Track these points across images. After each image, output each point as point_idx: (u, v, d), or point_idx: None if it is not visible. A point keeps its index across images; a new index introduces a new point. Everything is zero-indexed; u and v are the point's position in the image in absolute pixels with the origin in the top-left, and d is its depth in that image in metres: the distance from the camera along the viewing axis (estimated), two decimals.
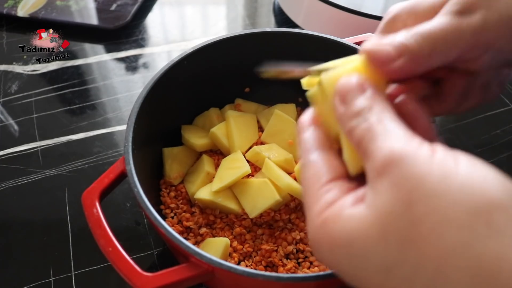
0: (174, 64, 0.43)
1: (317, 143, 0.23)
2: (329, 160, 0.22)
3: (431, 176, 0.17)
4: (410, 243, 0.17)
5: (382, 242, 0.17)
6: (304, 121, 0.25)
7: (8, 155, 0.52)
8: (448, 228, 0.16)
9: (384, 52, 0.22)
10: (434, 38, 0.23)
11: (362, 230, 0.18)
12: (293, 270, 0.40)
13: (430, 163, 0.17)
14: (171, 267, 0.30)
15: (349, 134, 0.21)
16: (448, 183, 0.16)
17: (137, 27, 0.71)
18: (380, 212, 0.18)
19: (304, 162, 0.23)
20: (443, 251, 0.16)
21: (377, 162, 0.18)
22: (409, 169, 0.17)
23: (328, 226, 0.19)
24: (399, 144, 0.18)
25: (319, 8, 0.61)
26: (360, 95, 0.21)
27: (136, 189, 0.34)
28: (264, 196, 0.41)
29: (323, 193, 0.21)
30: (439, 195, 0.16)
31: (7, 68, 0.64)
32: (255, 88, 0.53)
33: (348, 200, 0.20)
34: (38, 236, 0.45)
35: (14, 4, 0.72)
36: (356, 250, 0.18)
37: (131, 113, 0.39)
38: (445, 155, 0.17)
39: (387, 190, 0.18)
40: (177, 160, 0.46)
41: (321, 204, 0.20)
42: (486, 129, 0.55)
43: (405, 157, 0.18)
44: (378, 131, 0.19)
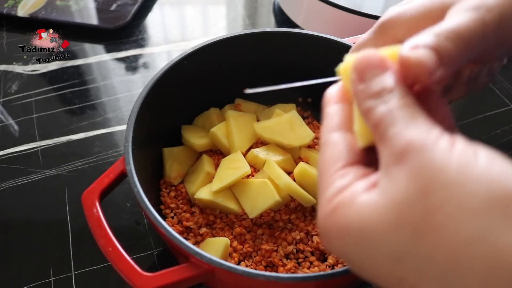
0: (174, 64, 0.43)
1: (341, 122, 0.22)
2: (349, 143, 0.21)
3: (449, 166, 0.16)
4: (424, 232, 0.16)
5: (395, 231, 0.17)
6: (332, 94, 0.23)
7: (8, 155, 0.52)
8: (465, 218, 0.15)
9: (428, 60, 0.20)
10: (464, 38, 0.21)
11: (374, 217, 0.18)
12: (293, 270, 0.40)
13: (450, 154, 0.17)
14: (171, 267, 0.30)
15: (366, 114, 0.20)
16: (467, 174, 0.16)
17: (137, 27, 0.71)
18: (395, 199, 0.17)
19: (325, 140, 0.22)
20: (458, 241, 0.15)
21: (395, 149, 0.18)
22: (428, 159, 0.17)
23: (339, 212, 0.19)
24: (419, 133, 0.18)
25: (319, 8, 0.61)
26: (381, 74, 0.20)
27: (136, 189, 0.34)
28: (264, 196, 0.41)
29: (337, 177, 0.20)
30: (457, 186, 0.16)
31: (7, 68, 0.64)
32: (255, 88, 0.52)
33: (360, 185, 0.19)
34: (38, 236, 0.45)
35: (14, 4, 0.72)
36: (367, 238, 0.18)
37: (131, 113, 0.39)
38: (464, 147, 0.17)
39: (403, 178, 0.17)
40: (177, 160, 0.46)
41: (333, 189, 0.20)
42: (486, 129, 0.55)
43: (424, 147, 0.17)
44: (399, 117, 0.18)
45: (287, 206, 0.43)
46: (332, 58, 0.26)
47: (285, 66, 0.49)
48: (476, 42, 0.22)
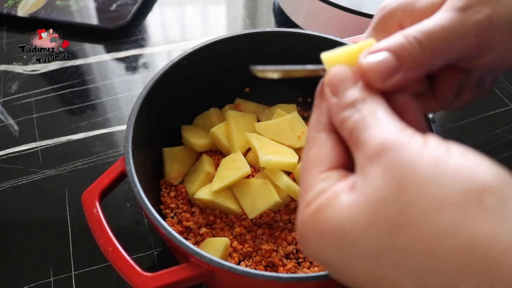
0: (174, 64, 0.43)
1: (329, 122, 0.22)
2: (335, 146, 0.21)
3: (422, 162, 0.17)
4: (400, 228, 0.16)
5: (371, 228, 0.17)
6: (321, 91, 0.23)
7: (8, 155, 0.52)
8: (439, 211, 0.16)
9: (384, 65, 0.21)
10: (436, 38, 0.21)
11: (351, 216, 0.18)
12: (293, 270, 0.40)
13: (422, 151, 0.17)
14: (171, 267, 0.30)
15: (341, 125, 0.20)
16: (440, 169, 0.16)
17: (137, 27, 0.71)
18: (370, 197, 0.17)
19: (312, 137, 0.22)
20: (434, 234, 0.16)
21: (370, 150, 0.18)
22: (401, 156, 0.17)
23: (319, 215, 0.19)
24: (392, 133, 0.18)
25: (319, 8, 0.61)
26: (352, 87, 0.21)
27: (136, 189, 0.34)
28: (263, 197, 0.41)
29: (319, 180, 0.20)
30: (430, 180, 0.16)
31: (7, 68, 0.64)
32: (255, 88, 0.53)
33: (339, 187, 0.19)
34: (38, 236, 0.45)
35: (14, 4, 0.72)
36: (345, 239, 0.18)
37: (131, 113, 0.39)
38: (437, 144, 0.17)
39: (378, 176, 0.17)
40: (177, 160, 0.46)
41: (314, 192, 0.20)
42: (486, 129, 0.55)
43: (397, 145, 0.17)
44: (372, 121, 0.19)
45: (287, 207, 0.43)
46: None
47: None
48: (452, 44, 0.21)
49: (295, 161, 0.42)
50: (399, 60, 0.21)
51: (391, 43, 0.21)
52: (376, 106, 0.20)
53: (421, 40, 0.21)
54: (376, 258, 0.17)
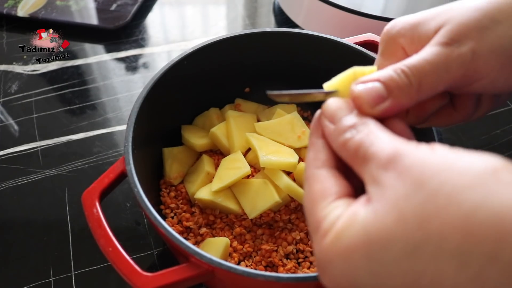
0: (174, 64, 0.43)
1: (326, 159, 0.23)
2: (338, 179, 0.22)
3: (435, 160, 0.18)
4: (430, 217, 0.17)
5: (401, 225, 0.17)
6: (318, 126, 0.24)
7: (8, 155, 0.52)
8: (463, 193, 0.16)
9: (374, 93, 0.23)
10: (422, 73, 0.23)
11: (377, 222, 0.18)
12: (293, 270, 0.40)
13: (431, 153, 0.18)
14: (171, 267, 0.30)
15: (343, 147, 0.21)
16: (452, 162, 0.18)
17: (137, 27, 0.71)
18: (392, 199, 0.18)
19: (311, 174, 0.23)
20: (464, 213, 0.16)
21: (382, 159, 0.19)
22: (414, 158, 0.18)
23: (341, 237, 0.19)
24: (399, 143, 0.19)
25: (319, 8, 0.61)
26: (349, 114, 0.22)
27: (136, 189, 0.34)
28: (263, 197, 0.41)
29: (331, 210, 0.20)
30: (446, 171, 0.17)
31: (7, 68, 0.64)
32: (255, 88, 0.53)
33: (353, 208, 0.19)
34: (38, 236, 0.45)
35: (14, 4, 0.72)
36: (376, 247, 0.18)
37: (131, 113, 0.39)
38: (442, 147, 0.19)
39: (395, 179, 0.18)
40: (177, 160, 0.46)
41: (329, 221, 0.20)
42: (486, 129, 0.55)
43: (407, 151, 0.19)
44: (376, 137, 0.20)
45: (287, 207, 0.43)
46: (332, 58, 0.27)
47: (285, 66, 0.49)
48: (437, 77, 0.23)
49: (295, 161, 0.42)
50: (387, 89, 0.23)
51: (381, 74, 0.23)
52: (375, 127, 0.21)
53: (408, 73, 0.23)
54: (411, 253, 0.17)
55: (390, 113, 0.23)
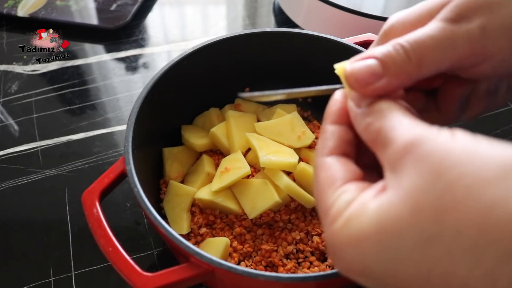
0: (174, 64, 0.43)
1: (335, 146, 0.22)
2: (345, 163, 0.21)
3: (455, 149, 0.17)
4: (446, 209, 0.16)
5: (416, 218, 0.17)
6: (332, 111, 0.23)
7: (8, 155, 0.52)
8: (483, 187, 0.16)
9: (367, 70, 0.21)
10: (423, 48, 0.21)
11: (393, 213, 0.17)
12: (293, 270, 0.40)
13: (452, 140, 0.18)
14: (171, 267, 0.30)
15: (365, 130, 0.21)
16: (473, 152, 0.17)
17: (137, 27, 0.71)
18: (409, 189, 0.17)
19: (319, 162, 0.22)
20: (482, 209, 0.16)
21: (400, 146, 0.18)
22: (433, 146, 0.17)
23: (352, 224, 0.18)
24: (420, 129, 0.18)
25: (319, 8, 0.61)
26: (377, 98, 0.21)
27: (136, 189, 0.34)
28: (263, 197, 0.41)
29: (340, 194, 0.20)
30: (466, 161, 0.16)
31: (7, 68, 0.64)
32: (255, 88, 0.52)
33: (369, 194, 0.19)
34: (38, 236, 0.45)
35: (14, 4, 0.72)
36: (388, 237, 0.17)
37: (131, 113, 0.39)
38: (464, 134, 0.18)
39: (411, 168, 0.17)
40: (177, 160, 0.46)
41: (339, 206, 0.19)
42: (486, 129, 0.55)
43: (427, 137, 0.18)
44: (398, 122, 0.19)
45: (287, 207, 0.43)
46: (332, 58, 0.26)
47: (285, 66, 0.49)
48: (440, 54, 0.21)
49: (295, 161, 0.42)
50: (383, 66, 0.21)
51: (378, 50, 0.22)
52: (399, 111, 0.20)
53: (407, 48, 0.21)
54: (425, 245, 0.17)
55: (386, 92, 0.22)
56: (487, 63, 0.22)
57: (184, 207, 0.43)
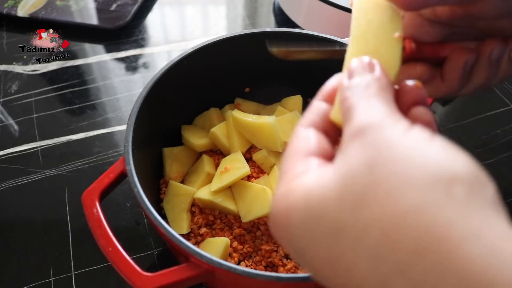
0: (174, 64, 0.43)
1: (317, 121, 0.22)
2: (319, 139, 0.22)
3: (401, 144, 0.17)
4: (365, 204, 0.16)
5: (338, 201, 0.17)
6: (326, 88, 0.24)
7: (8, 155, 0.52)
8: (406, 192, 0.15)
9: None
10: None
11: (321, 190, 0.18)
12: (293, 270, 0.40)
13: (404, 134, 0.17)
14: (171, 267, 0.30)
15: (343, 102, 0.21)
16: (415, 153, 0.16)
17: (137, 27, 0.71)
18: (343, 172, 0.17)
19: (298, 131, 0.22)
20: (395, 213, 0.15)
21: (354, 127, 0.18)
22: (381, 135, 0.17)
23: (290, 194, 0.19)
24: (379, 115, 0.18)
25: (319, 8, 0.61)
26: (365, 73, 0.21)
27: (136, 189, 0.34)
28: (259, 204, 0.41)
29: (299, 163, 0.20)
30: (404, 161, 0.16)
31: (7, 68, 0.64)
32: (255, 88, 0.53)
33: (314, 164, 0.19)
34: (38, 236, 0.45)
35: (14, 4, 0.72)
36: (311, 214, 0.17)
37: (131, 113, 0.39)
38: (420, 132, 0.17)
39: (354, 152, 0.17)
40: (177, 160, 0.46)
41: (291, 175, 0.20)
42: (486, 129, 0.55)
43: (381, 126, 0.18)
44: (366, 103, 0.19)
45: None
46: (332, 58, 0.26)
47: (285, 66, 0.49)
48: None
49: None
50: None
51: None
52: (377, 92, 0.20)
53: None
54: (337, 233, 0.17)
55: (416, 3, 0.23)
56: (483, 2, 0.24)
57: (184, 207, 0.43)
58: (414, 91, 0.22)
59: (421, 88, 0.22)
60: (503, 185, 0.48)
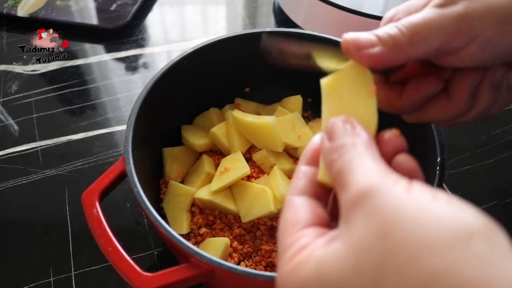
0: (174, 64, 0.43)
1: (306, 187, 0.22)
2: (311, 206, 0.21)
3: (407, 206, 0.16)
4: (386, 273, 0.15)
5: (356, 275, 0.16)
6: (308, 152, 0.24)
7: (8, 155, 0.52)
8: (427, 255, 0.15)
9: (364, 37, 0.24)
10: (415, 26, 0.24)
11: (335, 265, 0.17)
12: None
13: (407, 196, 0.17)
14: (171, 267, 0.30)
15: (330, 166, 0.21)
16: (425, 213, 0.16)
17: (137, 27, 0.71)
18: (354, 243, 0.17)
19: (289, 200, 0.22)
20: (422, 279, 0.15)
21: (352, 194, 0.18)
22: (385, 200, 0.17)
23: (299, 269, 0.18)
24: (376, 177, 0.18)
25: (319, 8, 0.61)
26: (346, 134, 0.21)
27: (136, 189, 0.34)
28: (259, 204, 0.41)
29: (298, 237, 0.20)
30: (415, 224, 0.16)
31: (7, 68, 0.64)
32: (255, 88, 0.53)
33: (320, 241, 0.19)
34: (38, 236, 0.45)
35: (14, 4, 0.72)
36: (328, 285, 0.17)
37: (131, 113, 0.39)
38: (422, 189, 0.17)
39: (361, 221, 0.17)
40: (177, 160, 0.46)
41: (294, 249, 0.19)
42: (486, 129, 0.55)
43: (381, 189, 0.17)
44: (358, 165, 0.19)
45: None
46: None
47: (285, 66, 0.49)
48: (430, 31, 0.24)
49: None
50: (378, 37, 0.24)
51: (376, 30, 0.24)
52: (366, 151, 0.20)
53: (401, 26, 0.24)
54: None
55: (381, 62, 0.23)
56: (475, 43, 0.24)
57: (184, 207, 0.43)
58: (393, 141, 0.21)
59: (400, 136, 0.22)
60: (503, 185, 0.48)
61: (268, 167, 0.45)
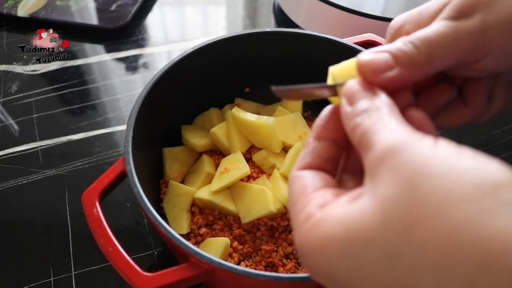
0: (174, 64, 0.43)
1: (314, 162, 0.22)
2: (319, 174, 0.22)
3: (434, 160, 0.16)
4: (414, 224, 0.16)
5: (384, 229, 0.16)
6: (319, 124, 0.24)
7: (8, 155, 0.52)
8: (454, 205, 0.15)
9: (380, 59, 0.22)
10: (431, 43, 0.23)
11: (362, 221, 0.17)
12: (293, 270, 0.40)
13: (433, 151, 0.17)
14: (171, 267, 0.30)
15: (352, 131, 0.20)
16: (452, 166, 0.16)
17: (137, 27, 0.71)
18: (381, 198, 0.17)
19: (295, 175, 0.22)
20: (450, 229, 0.15)
21: (378, 151, 0.18)
22: (411, 155, 0.17)
23: (320, 226, 0.18)
24: (401, 135, 0.18)
25: (319, 8, 0.61)
26: (367, 97, 0.21)
27: (136, 189, 0.34)
28: (258, 204, 0.41)
29: (316, 197, 0.20)
30: (443, 175, 0.16)
31: (7, 68, 0.64)
32: (255, 88, 0.53)
33: (342, 200, 0.19)
34: (38, 236, 0.45)
35: (14, 4, 0.72)
36: (354, 244, 0.17)
37: (131, 113, 0.39)
38: (447, 145, 0.17)
39: (388, 176, 0.17)
40: (177, 160, 0.46)
41: (310, 209, 0.19)
42: (486, 129, 0.55)
43: (407, 145, 0.17)
44: (382, 126, 0.19)
45: (284, 215, 0.42)
46: (332, 58, 0.26)
47: (285, 66, 0.49)
48: (446, 48, 0.23)
49: None
50: (395, 58, 0.22)
51: (390, 46, 0.23)
52: (388, 113, 0.20)
53: (417, 43, 0.23)
54: (391, 257, 0.16)
55: (398, 83, 0.22)
56: (490, 56, 0.23)
57: (184, 207, 0.43)
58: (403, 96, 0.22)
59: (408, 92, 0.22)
60: None
61: (268, 168, 0.45)
